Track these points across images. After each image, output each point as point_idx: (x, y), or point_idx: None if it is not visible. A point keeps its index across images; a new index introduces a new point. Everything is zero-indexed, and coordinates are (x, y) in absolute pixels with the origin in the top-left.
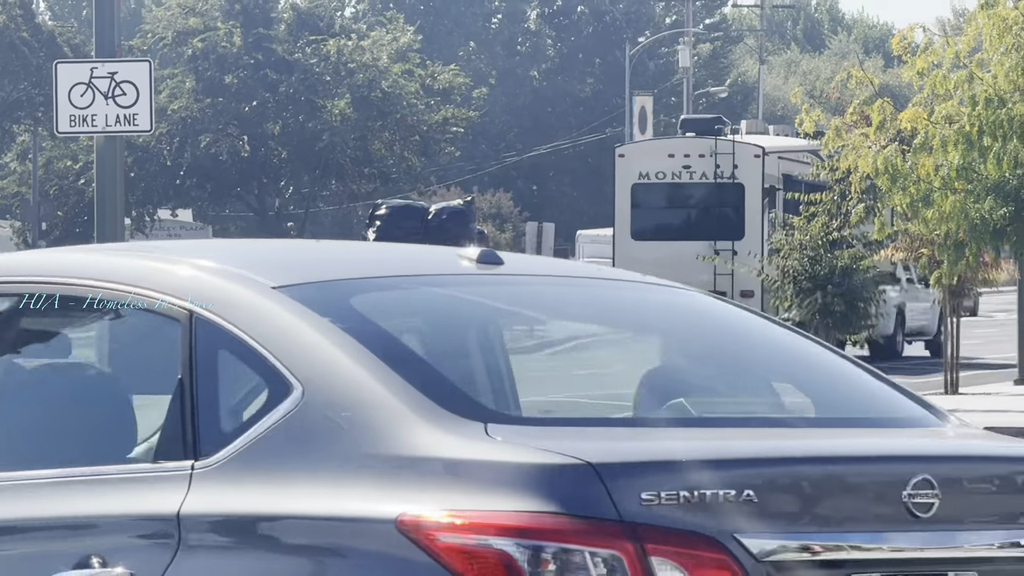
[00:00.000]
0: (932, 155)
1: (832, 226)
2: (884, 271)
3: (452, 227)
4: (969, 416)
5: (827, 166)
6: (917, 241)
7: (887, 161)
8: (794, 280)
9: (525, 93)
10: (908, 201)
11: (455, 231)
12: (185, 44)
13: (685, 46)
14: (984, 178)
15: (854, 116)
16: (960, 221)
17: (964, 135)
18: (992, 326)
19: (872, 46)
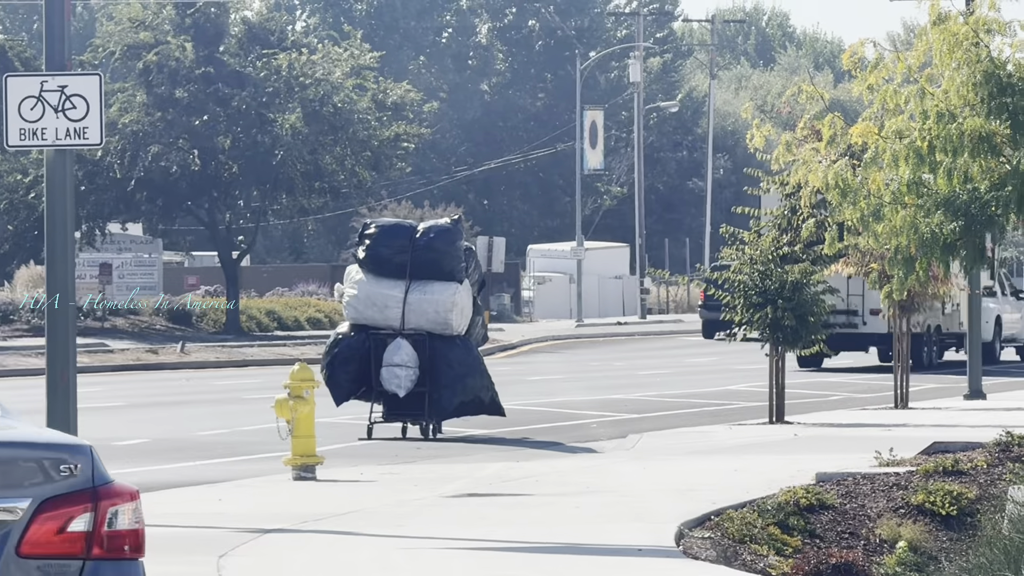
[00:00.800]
0: (882, 170)
1: (783, 241)
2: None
3: (440, 245)
4: (917, 431)
5: (777, 181)
6: (867, 256)
7: (837, 176)
8: (744, 295)
9: (476, 107)
10: (858, 216)
11: (442, 248)
12: (136, 58)
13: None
14: (934, 193)
15: (804, 131)
16: (910, 235)
17: (914, 150)
18: None
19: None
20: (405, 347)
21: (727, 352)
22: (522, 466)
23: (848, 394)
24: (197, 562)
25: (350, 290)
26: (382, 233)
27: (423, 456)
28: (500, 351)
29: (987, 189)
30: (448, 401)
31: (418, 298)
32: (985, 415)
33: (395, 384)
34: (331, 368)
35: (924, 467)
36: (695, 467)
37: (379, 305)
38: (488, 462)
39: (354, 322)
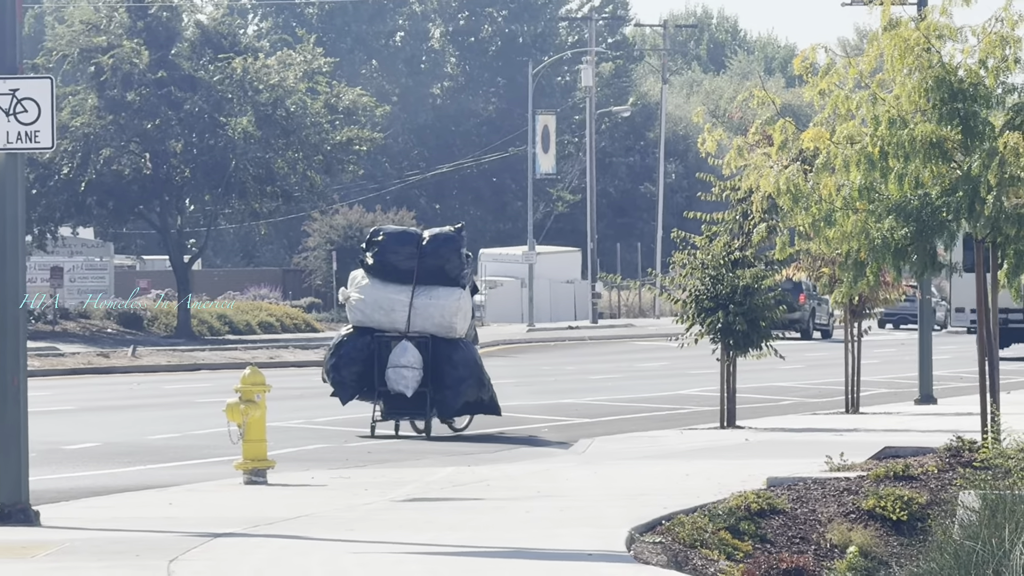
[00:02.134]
0: (834, 175)
1: (734, 245)
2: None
3: (445, 252)
4: (868, 435)
5: (728, 186)
6: (818, 260)
7: (789, 181)
8: (696, 299)
9: (428, 112)
10: (810, 221)
11: (448, 255)
12: (89, 61)
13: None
14: (885, 198)
15: (756, 136)
16: (861, 241)
17: (866, 155)
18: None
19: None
20: (411, 349)
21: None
22: (473, 471)
23: (799, 399)
24: (148, 567)
25: (355, 294)
26: (390, 240)
27: (374, 460)
28: None
29: (938, 195)
30: (454, 400)
31: (424, 302)
32: (936, 420)
33: (403, 384)
34: (337, 369)
35: (875, 472)
36: (646, 472)
37: (385, 308)
38: (438, 466)
39: (359, 325)
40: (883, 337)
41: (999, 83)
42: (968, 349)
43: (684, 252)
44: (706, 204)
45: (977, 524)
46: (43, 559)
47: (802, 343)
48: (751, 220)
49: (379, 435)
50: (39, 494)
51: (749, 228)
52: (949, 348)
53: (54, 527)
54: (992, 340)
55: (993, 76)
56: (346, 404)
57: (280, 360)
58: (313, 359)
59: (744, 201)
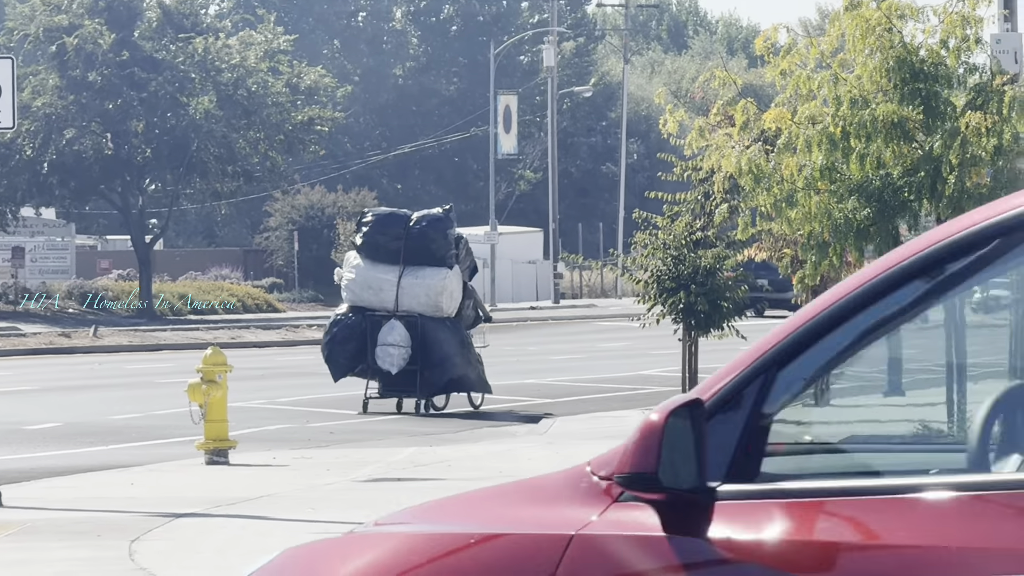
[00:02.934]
0: (796, 155)
1: (696, 226)
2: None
3: (431, 233)
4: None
5: (690, 166)
6: (780, 241)
7: (751, 161)
8: (658, 280)
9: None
10: (772, 201)
11: (434, 236)
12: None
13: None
14: (847, 179)
15: (718, 116)
16: (824, 221)
17: (827, 135)
18: None
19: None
20: (398, 328)
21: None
22: (435, 451)
23: None
24: (109, 547)
25: (348, 274)
26: (378, 221)
27: (336, 440)
28: None
29: (900, 175)
30: (438, 378)
31: (411, 282)
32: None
33: (388, 362)
34: (330, 347)
35: None
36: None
37: (375, 288)
38: (401, 447)
39: (352, 304)
40: None
41: (960, 63)
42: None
43: (646, 232)
44: (668, 184)
45: None
46: (4, 539)
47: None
48: (713, 200)
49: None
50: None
51: (711, 208)
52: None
53: (16, 507)
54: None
55: (954, 56)
56: (337, 381)
57: (242, 340)
58: (275, 339)
59: (706, 181)
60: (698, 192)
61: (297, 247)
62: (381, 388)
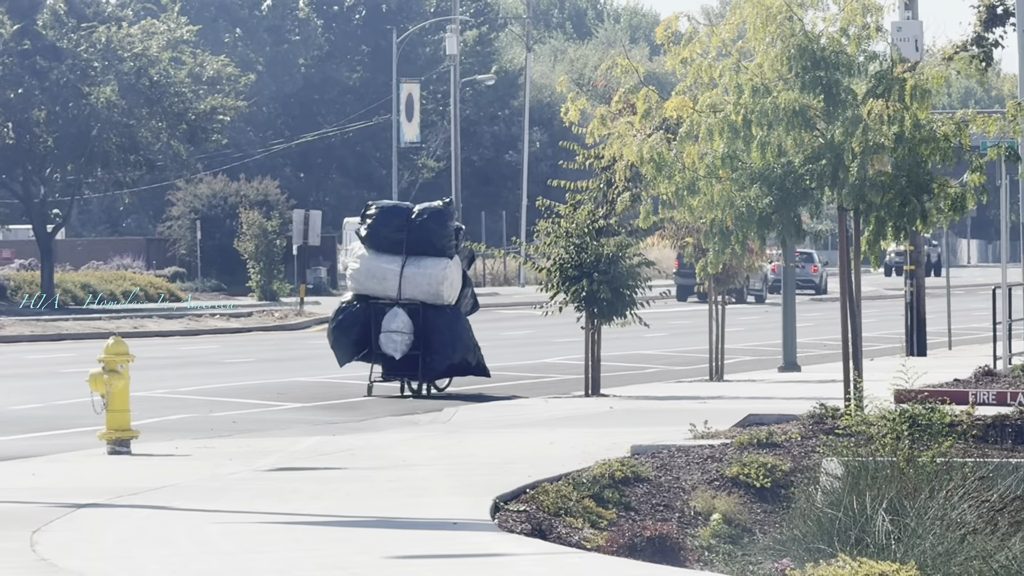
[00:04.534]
0: (697, 144)
1: (598, 214)
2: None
3: (432, 224)
4: (732, 403)
5: (592, 154)
6: (683, 229)
7: (652, 150)
8: (561, 268)
9: (293, 80)
10: (674, 189)
11: (435, 227)
12: None
13: (452, 33)
14: (749, 167)
15: (620, 104)
16: (726, 209)
17: (729, 124)
18: (756, 312)
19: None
20: (401, 315)
21: (543, 325)
22: (338, 440)
23: (664, 367)
24: (10, 537)
25: (353, 264)
26: (382, 214)
27: (239, 430)
28: (317, 324)
29: (801, 163)
30: (439, 363)
31: (413, 271)
32: (799, 387)
33: (392, 348)
34: (336, 333)
35: (739, 439)
36: (511, 440)
37: (379, 277)
38: (304, 436)
39: (356, 292)
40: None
41: (861, 51)
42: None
43: (549, 221)
44: (570, 173)
45: (840, 491)
46: None
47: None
48: (615, 189)
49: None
50: None
51: (613, 197)
52: (815, 316)
53: None
54: (855, 307)
55: (855, 44)
56: (343, 366)
57: (144, 330)
58: (178, 329)
59: (608, 170)
60: (600, 180)
61: (200, 236)
62: (384, 372)
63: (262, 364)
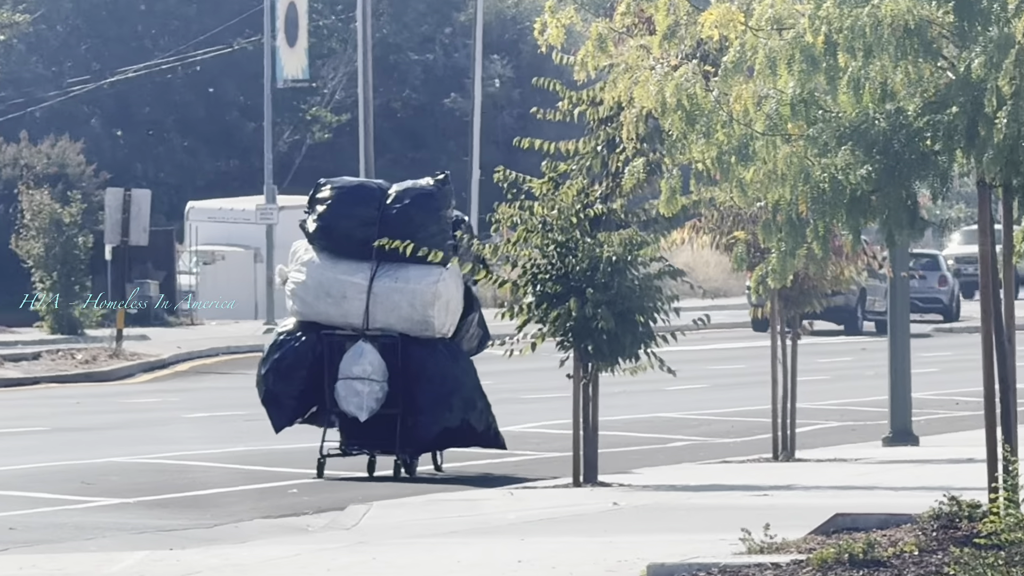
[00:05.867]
0: (752, 81)
1: (594, 194)
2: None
3: (418, 215)
4: (809, 496)
5: (585, 98)
6: (729, 218)
7: (680, 90)
8: (534, 280)
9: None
10: (715, 154)
11: (422, 219)
12: None
13: None
14: (835, 117)
15: (628, 18)
16: (799, 185)
17: (803, 49)
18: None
19: None
20: (369, 353)
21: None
22: (178, 559)
23: (701, 438)
24: None
25: (296, 274)
26: (340, 197)
27: (20, 541)
28: (143, 371)
29: (918, 111)
30: (427, 429)
31: (388, 286)
32: (916, 470)
33: (355, 404)
34: (270, 381)
35: (820, 554)
36: (454, 559)
37: (335, 295)
38: (122, 550)
39: (301, 318)
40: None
41: None
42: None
43: (514, 204)
44: (550, 128)
45: None
46: None
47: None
48: (620, 153)
49: (333, 476)
50: None
51: (618, 166)
52: (944, 355)
53: None
54: (1007, 342)
55: None
56: (280, 431)
57: None
58: None
59: (610, 123)
60: (598, 140)
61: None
62: (345, 440)
63: (59, 436)
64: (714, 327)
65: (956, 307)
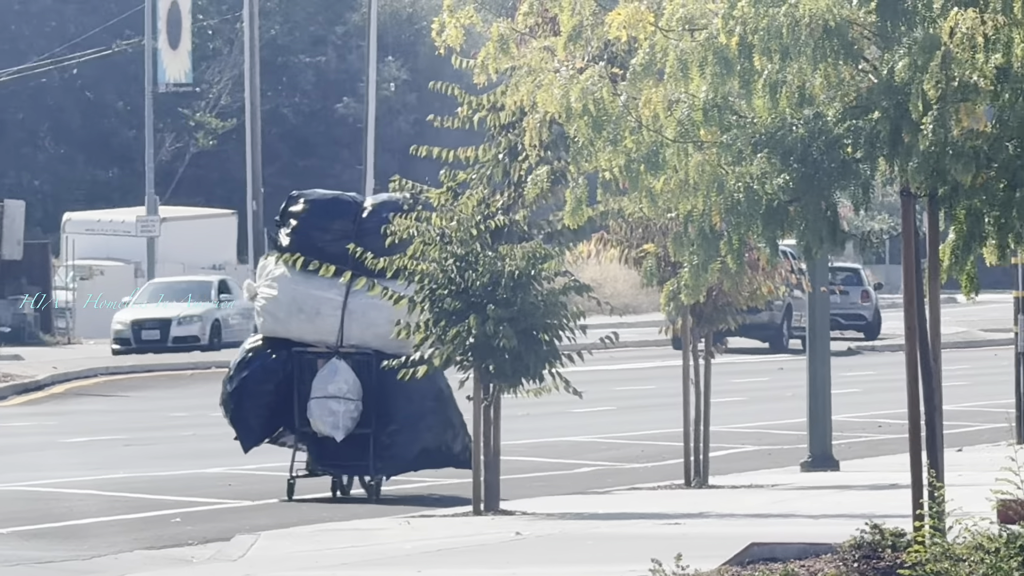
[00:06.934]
0: (663, 84)
1: (495, 204)
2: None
3: None
4: (724, 524)
5: (485, 103)
6: (638, 230)
7: (587, 94)
8: (431, 296)
9: None
10: (623, 162)
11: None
12: None
13: None
14: (750, 123)
15: (531, 18)
16: (711, 195)
17: (716, 51)
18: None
19: None
20: (344, 371)
21: None
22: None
23: (610, 463)
24: None
25: (267, 290)
26: (315, 210)
27: None
28: (16, 394)
29: (838, 117)
30: (405, 448)
31: (364, 303)
32: (836, 497)
33: (330, 423)
34: (238, 398)
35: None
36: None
37: (308, 311)
38: None
39: (272, 335)
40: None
41: None
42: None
43: (411, 216)
44: (448, 135)
45: None
46: None
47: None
48: (523, 161)
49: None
50: None
51: (520, 175)
52: (866, 375)
53: None
54: (931, 361)
55: None
56: (249, 451)
57: None
58: None
59: (511, 129)
60: (499, 147)
61: None
62: (314, 459)
63: None
64: (623, 346)
65: (879, 324)
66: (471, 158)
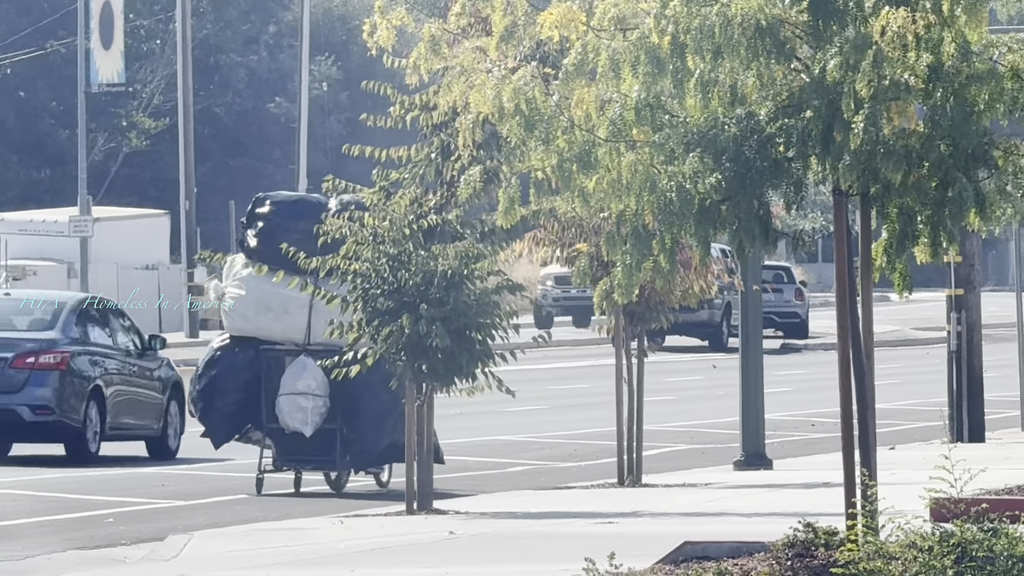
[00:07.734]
0: (595, 84)
1: (428, 204)
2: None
3: None
4: (657, 523)
5: (417, 103)
6: (571, 229)
7: (519, 94)
8: (364, 296)
9: None
10: (555, 161)
11: None
12: None
13: None
14: (683, 123)
15: (463, 19)
16: (644, 194)
17: (648, 50)
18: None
19: None
20: (312, 368)
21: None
22: None
23: (543, 462)
24: None
25: (235, 290)
26: (280, 211)
27: None
28: None
29: (770, 116)
30: (373, 442)
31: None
32: (769, 495)
33: (299, 419)
34: (207, 396)
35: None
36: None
37: (276, 310)
38: None
39: (240, 334)
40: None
41: None
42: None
43: (343, 215)
44: (381, 134)
45: None
46: None
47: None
48: (456, 161)
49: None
50: None
51: (453, 175)
52: (798, 373)
53: None
54: (864, 360)
55: None
56: (220, 447)
57: None
58: None
59: (444, 129)
60: (432, 147)
61: None
62: (277, 456)
63: None
64: (557, 344)
65: (808, 323)
66: (404, 158)
